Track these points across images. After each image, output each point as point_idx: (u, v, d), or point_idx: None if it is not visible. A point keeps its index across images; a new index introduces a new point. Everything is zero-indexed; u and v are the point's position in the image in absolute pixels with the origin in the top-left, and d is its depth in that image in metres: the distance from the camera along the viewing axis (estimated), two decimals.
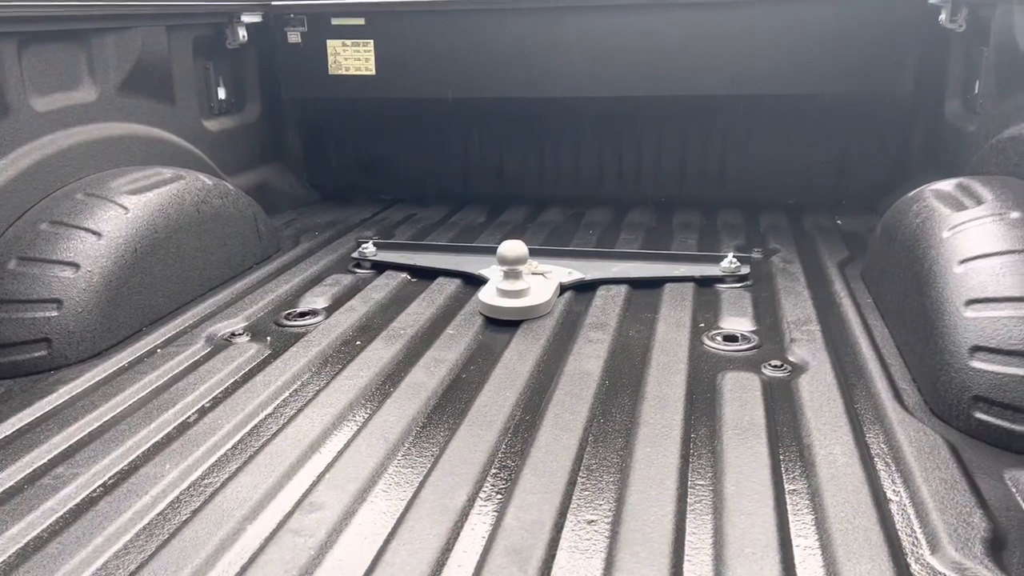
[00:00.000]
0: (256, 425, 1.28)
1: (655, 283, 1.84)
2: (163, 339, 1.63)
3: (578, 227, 2.40)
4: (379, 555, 0.95)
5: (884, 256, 1.68)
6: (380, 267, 2.01)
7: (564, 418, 1.26)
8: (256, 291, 1.87)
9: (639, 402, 1.31)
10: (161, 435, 1.26)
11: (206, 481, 1.13)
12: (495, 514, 1.03)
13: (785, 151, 2.55)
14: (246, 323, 1.70)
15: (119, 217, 1.68)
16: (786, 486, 1.08)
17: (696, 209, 2.53)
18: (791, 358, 1.45)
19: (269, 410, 1.33)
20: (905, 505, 1.03)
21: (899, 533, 0.98)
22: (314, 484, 1.11)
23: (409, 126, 2.69)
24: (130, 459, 1.19)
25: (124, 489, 1.10)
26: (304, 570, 0.94)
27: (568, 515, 1.03)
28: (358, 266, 2.04)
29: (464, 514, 1.04)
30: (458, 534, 1.00)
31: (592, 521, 1.02)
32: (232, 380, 1.44)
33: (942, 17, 2.00)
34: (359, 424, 1.27)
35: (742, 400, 1.30)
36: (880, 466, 1.12)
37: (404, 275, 1.96)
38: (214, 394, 1.39)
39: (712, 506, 1.04)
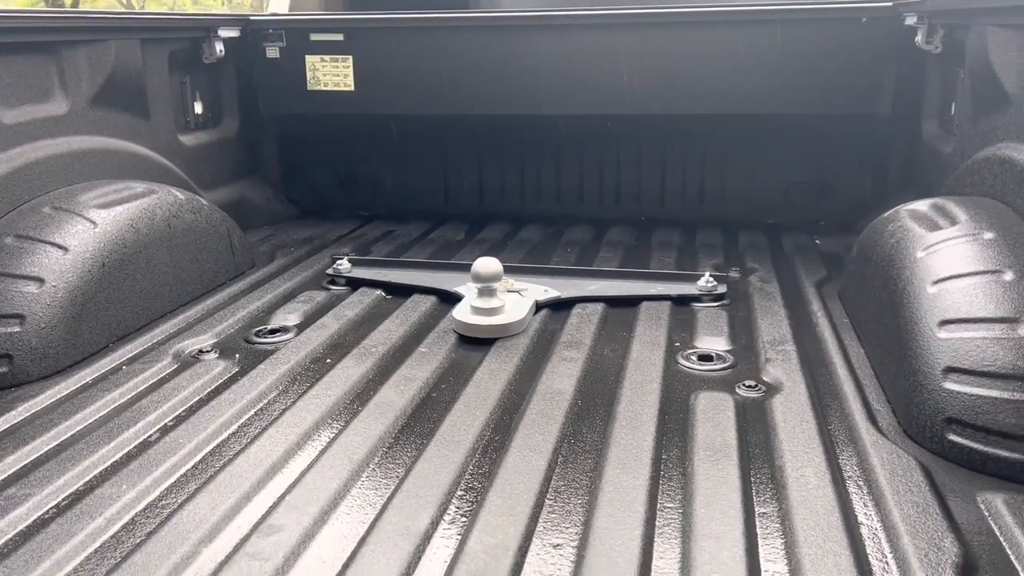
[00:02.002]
0: (218, 445, 1.25)
1: (631, 301, 1.82)
2: (129, 356, 1.59)
3: (557, 245, 2.39)
4: None
5: (860, 276, 1.67)
6: (355, 284, 1.99)
7: (534, 439, 1.23)
8: (227, 307, 1.84)
9: (611, 422, 1.29)
10: (120, 454, 1.23)
11: (163, 502, 1.10)
12: (458, 537, 1.01)
13: (764, 172, 2.56)
14: (215, 340, 1.67)
15: (87, 231, 1.65)
16: (756, 509, 1.06)
17: (676, 228, 2.52)
18: (765, 378, 1.44)
19: (232, 429, 1.30)
20: (876, 529, 1.02)
21: (870, 558, 0.96)
22: (274, 506, 1.08)
23: (388, 143, 2.68)
24: (86, 479, 1.16)
25: (77, 510, 1.07)
26: None
27: (534, 539, 1.01)
28: (332, 282, 2.01)
29: (427, 537, 1.01)
30: (419, 558, 0.97)
31: (558, 545, 0.99)
32: (197, 398, 1.41)
33: (918, 38, 2.01)
34: (324, 444, 1.24)
35: (715, 421, 1.28)
36: (852, 489, 1.10)
37: (379, 292, 1.94)
38: (177, 412, 1.36)
39: (681, 529, 1.02)
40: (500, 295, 1.69)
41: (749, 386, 1.40)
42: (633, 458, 1.17)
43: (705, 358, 1.53)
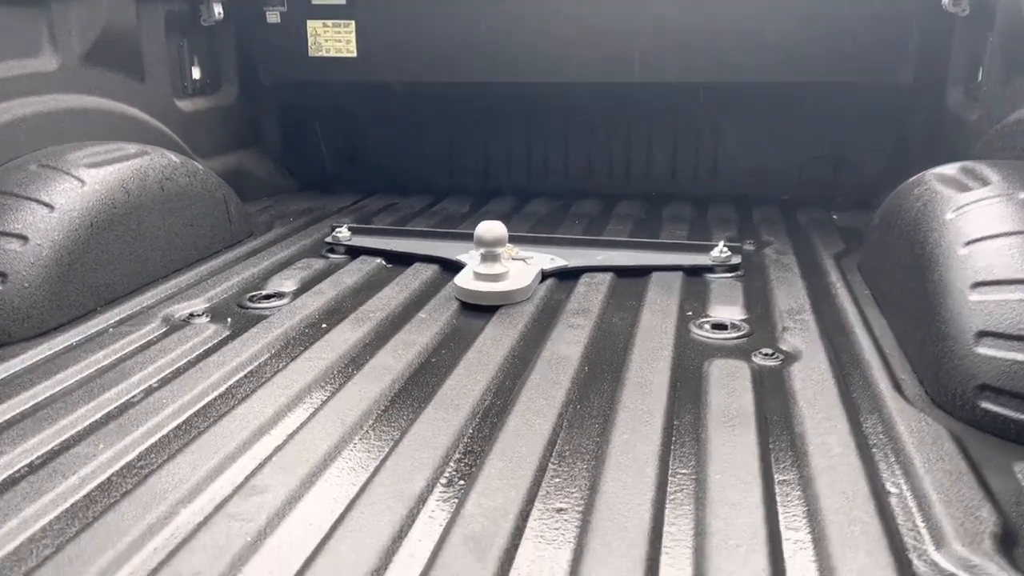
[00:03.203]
0: (204, 406, 1.19)
1: (642, 272, 1.75)
2: (117, 319, 1.53)
3: (565, 217, 2.31)
4: (323, 543, 0.86)
5: (883, 244, 1.59)
6: (354, 252, 1.92)
7: (537, 403, 1.16)
8: (221, 273, 1.77)
9: (619, 388, 1.21)
10: (100, 414, 1.16)
11: (142, 462, 1.03)
12: (455, 501, 0.94)
13: (779, 146, 2.47)
14: (207, 304, 1.60)
15: (74, 190, 1.58)
16: (776, 476, 0.99)
17: (687, 202, 2.44)
18: (783, 347, 1.36)
19: (220, 391, 1.23)
20: (906, 498, 0.94)
21: (899, 527, 0.89)
22: (259, 467, 1.01)
23: (391, 114, 2.60)
24: (62, 438, 1.09)
25: (50, 469, 1.00)
26: (237, 557, 0.84)
27: (536, 503, 0.94)
28: (331, 251, 1.94)
29: (421, 500, 0.94)
30: (413, 521, 0.90)
31: (562, 509, 0.92)
32: (185, 360, 1.35)
33: (945, 1, 1.92)
34: (315, 406, 1.18)
35: (730, 388, 1.20)
36: (878, 457, 1.03)
37: (379, 260, 1.86)
38: (163, 374, 1.29)
39: (694, 495, 0.95)
40: (504, 262, 1.62)
41: (766, 354, 1.33)
42: (643, 423, 1.10)
43: (719, 327, 1.45)
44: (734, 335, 1.42)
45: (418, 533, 0.88)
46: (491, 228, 1.58)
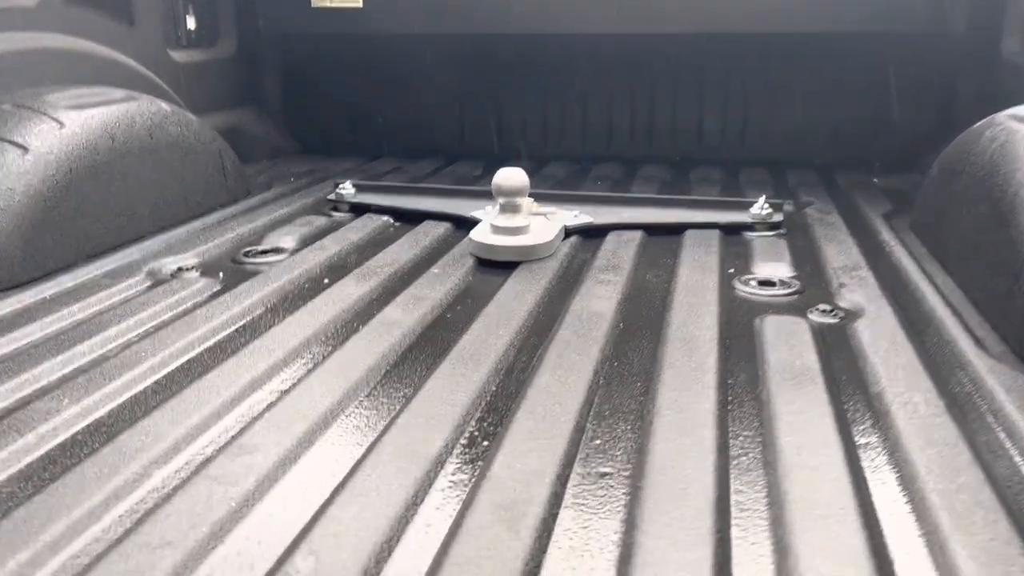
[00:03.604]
0: (188, 360, 1.04)
1: (674, 230, 1.59)
2: (98, 272, 1.38)
3: (585, 179, 2.16)
4: (322, 509, 0.71)
5: (944, 196, 1.44)
6: (359, 210, 1.77)
7: (570, 358, 1.01)
8: (215, 229, 1.63)
9: (661, 345, 1.06)
10: (69, 369, 1.01)
11: (113, 419, 0.89)
12: (480, 463, 0.79)
13: (814, 105, 2.31)
14: (198, 259, 1.46)
15: (52, 131, 1.43)
16: (856, 439, 0.84)
17: (716, 166, 2.28)
18: (841, 304, 1.21)
19: (208, 344, 1.09)
20: (1017, 464, 0.79)
21: (1016, 496, 0.74)
22: (249, 424, 0.86)
23: (399, 70, 2.44)
24: (22, 394, 0.95)
25: (3, 426, 0.86)
26: (218, 526, 0.69)
27: (574, 466, 0.79)
28: (335, 209, 1.79)
29: (439, 462, 0.79)
30: (430, 485, 0.75)
31: (606, 474, 0.77)
32: (170, 314, 1.20)
33: None
34: (316, 361, 1.03)
35: (789, 345, 1.05)
36: (972, 418, 0.88)
37: (386, 218, 1.71)
38: (145, 327, 1.15)
39: (762, 460, 0.80)
40: (525, 214, 1.47)
41: (824, 311, 1.18)
42: (694, 381, 0.95)
43: (767, 283, 1.30)
44: (784, 292, 1.27)
45: (436, 500, 0.74)
46: (511, 175, 1.43)
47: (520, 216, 1.45)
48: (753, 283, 1.30)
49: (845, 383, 0.96)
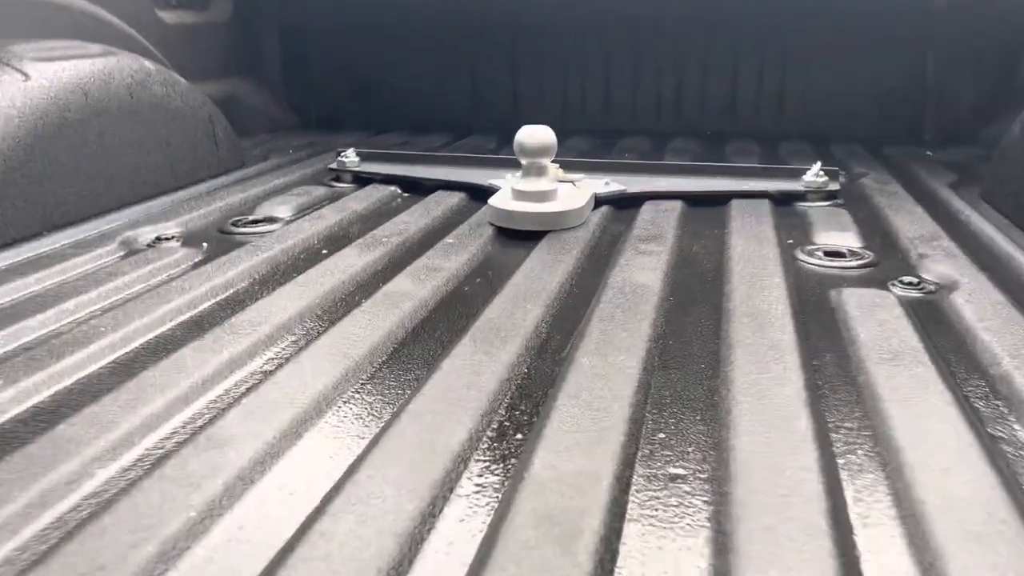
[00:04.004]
0: (156, 336, 0.87)
1: (717, 200, 1.42)
2: (66, 242, 1.21)
3: (611, 152, 1.98)
4: (309, 523, 0.53)
5: None
6: (363, 181, 1.59)
7: (616, 336, 0.83)
8: (202, 198, 1.45)
9: (724, 320, 0.89)
10: (14, 345, 0.84)
11: (56, 404, 0.72)
12: (514, 462, 0.61)
13: (856, 76, 2.12)
14: (180, 229, 1.28)
15: (14, 84, 1.26)
16: (988, 431, 0.66)
17: (751, 140, 2.10)
18: (927, 276, 1.03)
19: (181, 319, 0.91)
20: None
21: None
22: (223, 412, 0.69)
23: (408, 37, 2.26)
24: None
25: None
26: (170, 544, 0.52)
27: (636, 466, 0.61)
28: (337, 179, 1.62)
29: (462, 460, 0.62)
30: (450, 490, 0.58)
31: (679, 476, 0.60)
32: (141, 285, 1.03)
33: None
34: (307, 338, 0.85)
35: (879, 320, 0.87)
36: None
37: (393, 188, 1.54)
38: (111, 299, 0.98)
39: (879, 459, 0.62)
40: (551, 179, 1.29)
41: (908, 283, 1.00)
42: (773, 362, 0.77)
43: (835, 254, 1.12)
44: (856, 263, 1.09)
45: (459, 509, 0.56)
46: (535, 132, 1.25)
47: (545, 180, 1.27)
48: (819, 253, 1.12)
49: (957, 364, 0.79)
